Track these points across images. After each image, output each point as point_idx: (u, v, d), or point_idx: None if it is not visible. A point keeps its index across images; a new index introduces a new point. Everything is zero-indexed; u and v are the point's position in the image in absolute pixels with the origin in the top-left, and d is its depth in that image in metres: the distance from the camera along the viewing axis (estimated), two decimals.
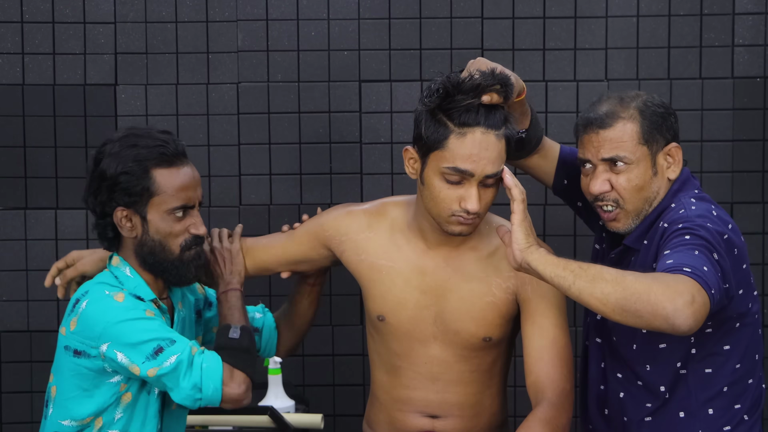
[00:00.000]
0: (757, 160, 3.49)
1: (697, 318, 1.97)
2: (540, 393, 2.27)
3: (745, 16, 3.46)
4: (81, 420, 2.28)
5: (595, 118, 2.30)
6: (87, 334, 2.24)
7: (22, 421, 3.55)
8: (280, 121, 3.53)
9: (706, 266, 2.04)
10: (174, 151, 2.30)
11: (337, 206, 2.50)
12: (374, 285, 2.38)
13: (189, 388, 2.20)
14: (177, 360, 2.19)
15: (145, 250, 2.30)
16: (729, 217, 2.27)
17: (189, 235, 2.31)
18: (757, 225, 3.49)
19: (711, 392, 2.25)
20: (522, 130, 2.40)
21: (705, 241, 2.11)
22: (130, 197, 2.27)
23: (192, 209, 2.32)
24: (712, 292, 2.01)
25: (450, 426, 2.39)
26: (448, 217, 2.24)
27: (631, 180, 2.27)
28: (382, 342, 2.42)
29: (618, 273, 2.03)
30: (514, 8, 3.49)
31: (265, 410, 2.94)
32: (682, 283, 1.99)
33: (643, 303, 1.97)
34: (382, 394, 2.45)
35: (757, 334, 2.30)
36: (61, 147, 3.52)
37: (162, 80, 3.52)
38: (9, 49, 3.51)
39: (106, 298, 2.26)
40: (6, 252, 3.54)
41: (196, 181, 2.34)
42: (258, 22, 3.50)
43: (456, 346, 2.35)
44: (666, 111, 2.32)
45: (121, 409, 2.28)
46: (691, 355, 2.24)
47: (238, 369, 2.23)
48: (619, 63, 3.48)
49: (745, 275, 2.24)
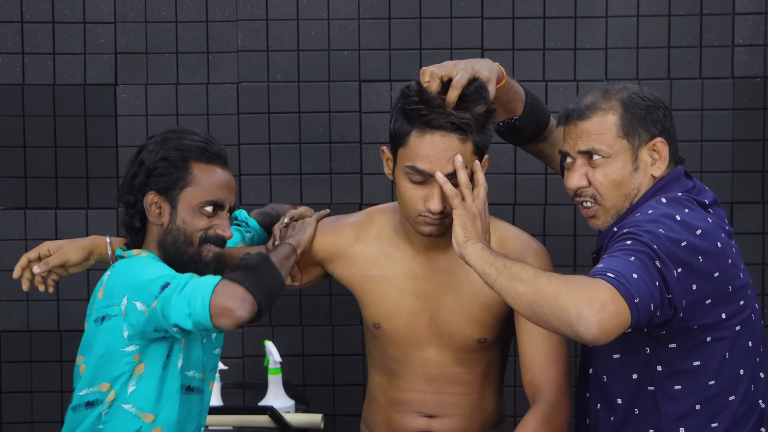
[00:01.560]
0: (757, 160, 3.49)
1: (604, 328, 1.88)
2: (537, 391, 2.28)
3: (745, 15, 3.46)
4: (95, 387, 2.26)
5: (574, 110, 2.23)
6: (112, 294, 2.23)
7: (22, 421, 3.55)
8: (280, 121, 3.53)
9: (637, 274, 1.94)
10: (216, 151, 2.34)
11: (323, 223, 2.47)
12: (367, 295, 2.39)
13: (180, 304, 2.11)
14: (173, 285, 2.14)
15: (168, 239, 2.31)
16: (706, 223, 2.12)
17: (213, 233, 2.30)
18: (757, 225, 3.49)
19: (681, 410, 2.12)
20: (514, 116, 2.39)
21: (647, 247, 1.99)
22: (165, 184, 2.29)
23: (222, 210, 2.33)
24: (636, 301, 1.91)
25: (447, 426, 2.40)
26: (416, 218, 2.25)
27: (607, 175, 2.18)
28: (379, 347, 2.43)
29: (535, 273, 1.98)
30: (514, 8, 3.49)
31: (265, 410, 2.94)
32: (597, 289, 1.90)
33: (551, 307, 1.92)
34: (379, 395, 2.46)
35: (745, 347, 2.15)
36: (61, 147, 3.52)
37: (162, 80, 3.52)
38: (9, 49, 3.51)
39: (130, 258, 2.29)
40: (6, 252, 3.54)
41: (231, 186, 2.36)
42: (258, 22, 3.51)
43: (452, 349, 2.35)
44: (653, 104, 2.21)
45: (134, 381, 2.25)
46: (657, 372, 2.12)
47: (237, 282, 2.12)
48: (619, 63, 3.48)
49: (717, 284, 2.09)
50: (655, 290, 1.97)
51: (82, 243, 2.42)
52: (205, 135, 2.36)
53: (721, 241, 2.11)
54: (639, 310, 1.93)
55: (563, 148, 2.27)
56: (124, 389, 2.26)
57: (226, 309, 2.09)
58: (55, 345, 3.55)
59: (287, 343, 3.51)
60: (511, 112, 2.41)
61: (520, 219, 3.44)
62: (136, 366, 2.25)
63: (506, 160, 3.46)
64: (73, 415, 2.31)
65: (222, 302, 2.09)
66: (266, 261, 2.20)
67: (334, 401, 3.56)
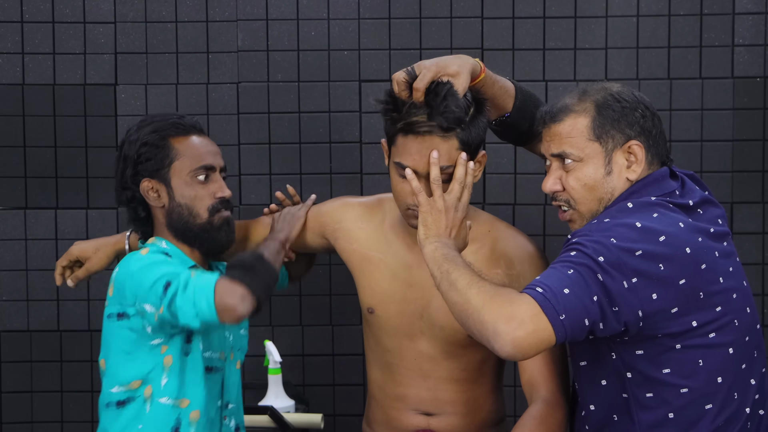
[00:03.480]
0: (758, 160, 3.49)
1: (519, 346, 1.90)
2: (534, 391, 2.28)
3: (745, 15, 3.46)
4: (127, 384, 2.31)
5: (548, 112, 2.21)
6: (122, 293, 2.29)
7: (22, 421, 3.55)
8: (280, 120, 3.53)
9: (569, 289, 1.94)
10: (189, 122, 2.41)
11: (336, 198, 2.58)
12: (364, 275, 2.43)
13: (186, 305, 2.18)
14: (175, 286, 2.20)
15: (174, 217, 2.37)
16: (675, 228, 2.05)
17: (215, 200, 2.37)
18: (757, 225, 3.49)
19: (655, 418, 2.08)
20: (504, 114, 2.39)
21: (591, 260, 1.97)
22: (153, 167, 2.36)
23: (214, 173, 2.39)
24: (561, 318, 1.92)
25: (445, 423, 2.41)
26: (405, 210, 2.29)
27: (579, 179, 2.15)
28: (374, 337, 2.45)
29: (469, 283, 1.99)
30: (514, 8, 3.49)
31: (265, 410, 2.94)
32: (518, 305, 1.92)
33: (474, 320, 1.95)
34: (378, 392, 2.48)
35: (723, 355, 2.08)
36: (61, 147, 3.52)
37: (162, 80, 3.52)
38: (9, 49, 3.51)
39: (132, 254, 2.33)
40: (6, 252, 3.54)
41: (215, 149, 2.43)
42: (258, 21, 3.51)
43: (442, 342, 2.37)
44: (629, 105, 2.15)
45: (165, 373, 2.31)
46: (628, 379, 2.09)
47: (236, 280, 2.19)
48: (619, 63, 3.48)
49: (683, 291, 2.03)
50: (592, 305, 1.96)
51: (107, 253, 2.55)
52: (175, 113, 2.46)
53: (692, 246, 2.05)
54: (565, 327, 1.93)
55: (540, 150, 2.26)
56: (158, 383, 2.31)
57: (229, 307, 2.16)
58: (55, 345, 3.55)
59: (287, 343, 3.51)
60: (501, 109, 2.39)
61: (520, 219, 3.44)
62: (164, 358, 2.31)
63: (506, 160, 3.46)
64: (107, 414, 2.36)
65: (225, 301, 2.15)
66: (261, 258, 2.27)
67: (334, 401, 3.56)
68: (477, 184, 3.48)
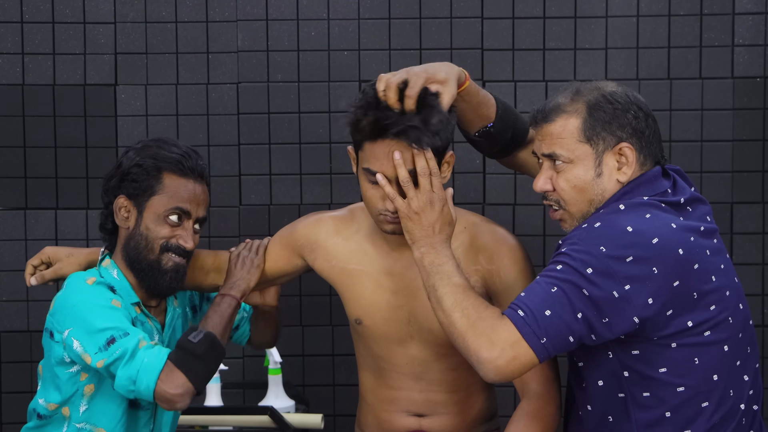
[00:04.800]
0: (757, 160, 3.49)
1: (501, 372, 1.99)
2: (525, 385, 2.28)
3: (745, 15, 3.46)
4: (50, 403, 2.31)
5: (540, 111, 2.19)
6: (58, 317, 2.28)
7: (22, 421, 3.55)
8: (280, 121, 3.53)
9: (551, 310, 1.97)
10: (192, 165, 2.36)
11: (305, 216, 2.51)
12: (348, 289, 2.40)
13: (125, 378, 2.18)
14: (122, 350, 2.18)
15: (131, 243, 2.34)
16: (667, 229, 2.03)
17: (174, 242, 2.33)
18: (757, 225, 3.49)
19: (651, 417, 2.07)
20: (489, 123, 2.37)
21: (578, 274, 1.98)
22: (135, 190, 2.32)
23: (187, 220, 2.35)
24: (542, 341, 1.97)
25: (437, 424, 2.40)
26: (377, 216, 2.25)
27: (569, 180, 2.14)
28: (364, 345, 2.44)
29: (453, 305, 2.04)
30: (514, 8, 3.49)
31: (265, 410, 2.94)
32: (499, 333, 1.98)
33: (458, 344, 2.04)
34: (369, 395, 2.47)
35: (719, 352, 2.07)
36: (61, 147, 3.52)
37: (162, 80, 3.52)
38: (9, 50, 3.51)
39: (79, 280, 2.32)
40: (6, 252, 3.54)
41: (201, 200, 2.37)
42: (258, 22, 3.51)
43: (432, 345, 2.36)
44: (622, 107, 2.13)
45: (85, 400, 2.30)
46: (625, 378, 2.09)
47: (182, 371, 2.18)
48: (619, 63, 3.48)
49: (678, 293, 2.02)
50: (576, 323, 1.98)
51: (79, 259, 2.47)
52: (186, 148, 2.38)
53: (684, 247, 2.04)
54: (547, 348, 1.99)
55: (534, 148, 2.24)
56: (76, 408, 2.31)
57: (169, 399, 2.18)
58: None
59: (287, 344, 3.51)
60: (484, 119, 2.36)
61: (519, 219, 3.44)
62: (85, 386, 2.29)
63: None
64: (30, 419, 2.37)
65: (166, 391, 2.17)
66: (212, 344, 2.25)
67: (333, 401, 3.56)
68: (477, 185, 3.49)
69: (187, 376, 2.18)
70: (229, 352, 3.44)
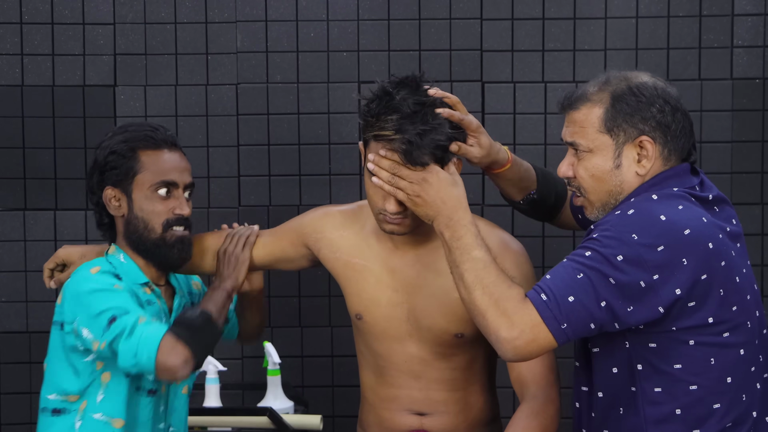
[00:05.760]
0: (757, 161, 3.49)
1: (520, 353, 2.00)
2: (524, 387, 2.28)
3: (744, 17, 3.47)
4: (66, 395, 2.32)
5: (568, 97, 2.20)
6: (66, 308, 2.30)
7: (22, 422, 3.55)
8: (279, 122, 3.53)
9: (574, 296, 1.97)
10: (162, 137, 2.39)
11: (316, 208, 2.54)
12: (350, 282, 2.42)
13: (126, 351, 2.19)
14: (122, 327, 2.20)
15: (130, 228, 2.36)
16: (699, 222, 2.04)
17: (172, 215, 2.35)
18: (756, 226, 3.49)
19: (661, 413, 2.06)
20: (531, 191, 2.42)
21: (606, 262, 1.98)
22: (117, 176, 2.35)
23: (176, 190, 2.37)
24: (563, 327, 1.97)
25: (438, 422, 2.41)
26: (377, 215, 2.27)
27: (588, 169, 2.14)
28: (364, 342, 2.45)
29: (473, 282, 2.04)
30: (513, 9, 3.49)
31: (264, 411, 2.94)
32: (521, 315, 1.99)
33: (479, 321, 2.04)
34: (370, 394, 2.47)
35: (735, 355, 2.06)
36: (60, 148, 3.53)
37: (161, 81, 3.52)
38: (8, 50, 3.51)
39: (83, 270, 2.33)
40: (5, 253, 3.54)
41: (183, 166, 2.40)
42: (257, 23, 3.51)
43: (431, 343, 2.37)
44: (647, 100, 2.12)
45: (102, 389, 2.31)
46: (638, 372, 2.08)
47: (182, 342, 2.20)
48: (618, 64, 3.48)
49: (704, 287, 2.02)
50: (599, 311, 1.98)
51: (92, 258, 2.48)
52: (152, 124, 2.42)
53: (714, 242, 2.04)
54: (567, 334, 1.99)
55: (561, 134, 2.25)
56: (93, 399, 2.31)
57: (169, 368, 2.19)
58: None
59: (286, 345, 3.51)
60: (526, 189, 2.43)
61: (518, 221, 3.44)
62: (102, 374, 2.30)
63: None
64: (42, 418, 2.36)
65: (167, 360, 2.18)
66: (209, 320, 2.28)
67: (333, 402, 3.56)
68: (476, 186, 3.49)
69: (187, 346, 2.20)
70: (228, 353, 3.44)
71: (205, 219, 3.52)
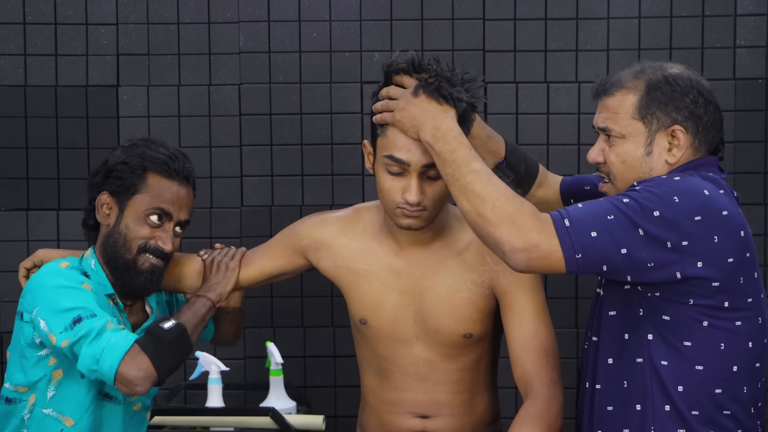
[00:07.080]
0: (759, 162, 3.49)
1: (531, 267, 1.99)
2: (528, 386, 2.28)
3: (747, 17, 3.46)
4: (15, 386, 2.31)
5: (602, 83, 2.22)
6: (27, 297, 2.28)
7: None
8: (281, 122, 3.53)
9: (597, 232, 1.98)
10: (178, 168, 2.36)
11: (309, 215, 2.52)
12: (353, 289, 2.40)
13: (88, 356, 2.16)
14: (87, 329, 2.17)
15: (110, 241, 2.34)
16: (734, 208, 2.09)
17: (153, 243, 2.32)
18: (758, 226, 3.49)
19: (664, 388, 2.09)
20: (500, 159, 2.46)
21: (642, 212, 1.99)
22: (118, 187, 2.33)
23: (168, 222, 2.35)
24: (577, 256, 1.97)
25: (441, 425, 2.40)
26: (395, 210, 2.25)
27: (619, 155, 2.16)
28: (368, 346, 2.43)
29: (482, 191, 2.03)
30: (516, 9, 3.49)
31: (267, 411, 2.95)
32: (538, 231, 1.98)
33: (488, 231, 2.01)
34: (372, 397, 2.46)
35: (744, 346, 2.09)
36: (63, 148, 3.53)
37: (164, 81, 3.52)
38: (11, 51, 3.51)
39: (53, 263, 2.32)
40: (8, 253, 3.55)
41: (185, 202, 2.37)
42: (260, 23, 3.51)
43: (438, 345, 2.36)
44: (682, 90, 2.16)
45: (52, 386, 2.29)
46: (648, 341, 2.10)
47: (147, 356, 2.16)
48: (620, 64, 3.47)
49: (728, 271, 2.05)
50: (617, 256, 1.99)
51: None
52: (174, 150, 2.38)
53: (745, 232, 2.08)
54: (579, 264, 1.99)
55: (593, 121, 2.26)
56: (43, 394, 2.29)
57: (129, 381, 2.15)
58: None
59: (289, 345, 3.51)
60: (495, 154, 2.45)
61: None
62: (53, 371, 2.28)
63: None
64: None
65: (127, 374, 2.15)
66: (182, 336, 2.24)
67: (335, 403, 3.56)
68: None
69: (152, 361, 2.16)
70: (231, 354, 3.44)
71: (208, 219, 3.52)
